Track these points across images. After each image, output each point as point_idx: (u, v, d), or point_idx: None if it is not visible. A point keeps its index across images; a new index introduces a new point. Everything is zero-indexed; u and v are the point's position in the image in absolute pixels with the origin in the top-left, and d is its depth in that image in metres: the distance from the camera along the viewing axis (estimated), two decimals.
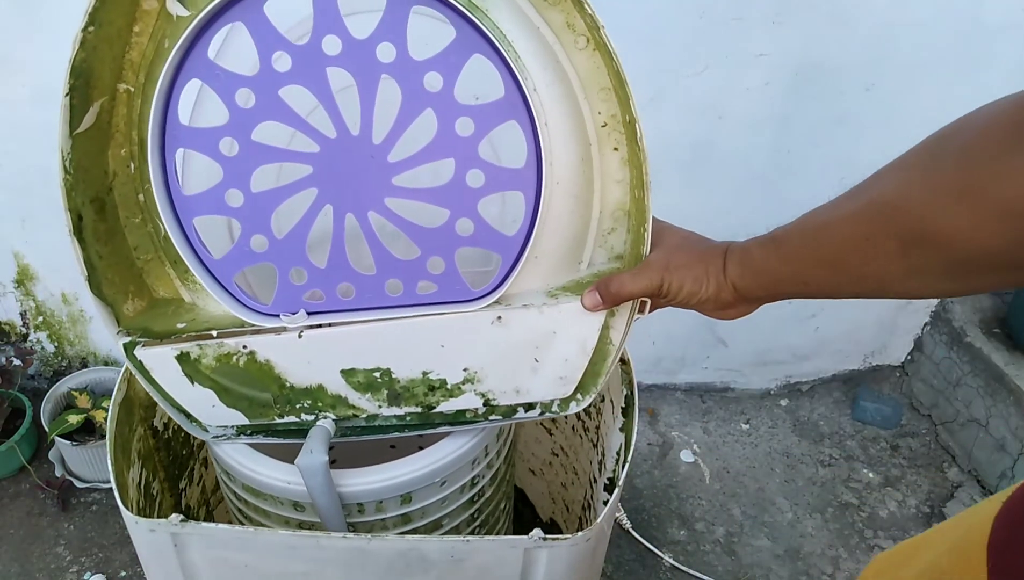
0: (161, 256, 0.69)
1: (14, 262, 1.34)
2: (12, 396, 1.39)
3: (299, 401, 0.67)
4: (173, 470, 0.88)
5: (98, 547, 1.27)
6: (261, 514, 0.75)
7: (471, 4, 0.57)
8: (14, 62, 1.12)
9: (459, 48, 0.57)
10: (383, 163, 0.60)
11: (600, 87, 0.63)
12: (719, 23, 1.10)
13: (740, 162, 1.28)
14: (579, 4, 0.58)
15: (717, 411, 1.62)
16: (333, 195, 0.61)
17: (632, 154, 0.63)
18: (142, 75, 0.62)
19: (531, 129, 0.60)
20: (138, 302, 0.69)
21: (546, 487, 1.14)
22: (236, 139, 0.60)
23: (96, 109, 0.62)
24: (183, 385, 0.66)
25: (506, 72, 0.58)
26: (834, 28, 1.11)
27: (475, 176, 0.61)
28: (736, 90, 1.18)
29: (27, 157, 1.21)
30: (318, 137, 0.59)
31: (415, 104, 0.58)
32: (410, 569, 0.69)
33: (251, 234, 0.63)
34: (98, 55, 0.59)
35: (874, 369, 1.69)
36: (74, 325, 1.42)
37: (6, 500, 1.34)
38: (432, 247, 0.63)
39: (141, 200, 0.67)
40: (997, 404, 1.43)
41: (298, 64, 0.57)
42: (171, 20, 0.60)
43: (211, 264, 0.64)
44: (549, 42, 0.61)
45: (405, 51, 0.57)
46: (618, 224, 0.68)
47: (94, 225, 0.65)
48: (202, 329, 0.65)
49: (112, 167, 0.66)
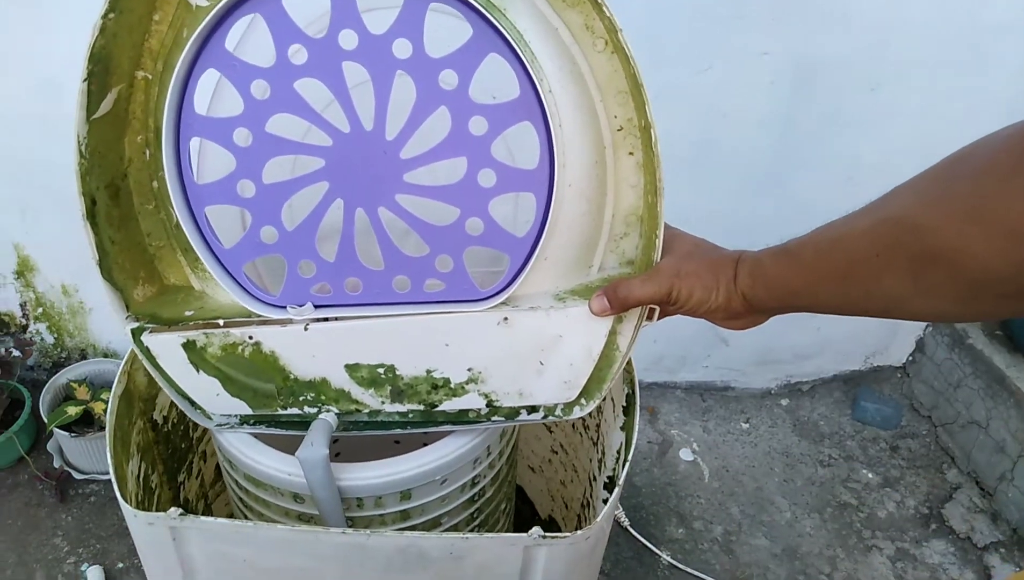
0: (173, 243, 0.69)
1: (14, 253, 1.35)
2: (11, 387, 1.39)
3: (302, 393, 0.67)
4: (172, 463, 0.88)
5: (96, 538, 1.28)
6: (262, 504, 0.75)
7: (489, 3, 0.57)
8: (14, 55, 1.12)
9: (475, 47, 0.57)
10: (395, 159, 0.60)
11: (617, 90, 0.62)
12: (722, 21, 1.10)
13: (744, 160, 1.27)
14: (598, 6, 0.57)
15: (717, 410, 1.62)
16: (344, 189, 0.61)
17: (647, 160, 0.63)
18: (160, 63, 0.63)
19: (545, 130, 0.59)
20: (148, 288, 0.69)
21: (545, 484, 1.14)
22: (250, 130, 0.60)
23: (114, 96, 0.62)
24: (188, 373, 0.66)
25: (522, 72, 0.58)
26: (837, 26, 1.11)
27: (487, 175, 0.61)
28: (740, 88, 1.18)
29: (27, 149, 1.20)
30: (331, 131, 0.59)
31: (430, 101, 0.58)
32: (409, 566, 0.69)
33: (261, 225, 0.63)
34: (117, 42, 0.60)
35: (875, 370, 1.68)
36: (74, 317, 1.43)
37: (4, 491, 1.34)
38: (441, 245, 0.63)
39: (155, 187, 0.67)
40: (998, 406, 1.42)
41: (314, 57, 0.57)
42: (190, 9, 0.60)
43: (221, 253, 0.64)
44: (567, 43, 0.60)
45: (421, 48, 0.57)
46: (631, 229, 0.67)
47: (107, 210, 0.65)
48: (209, 317, 0.65)
49: (128, 153, 0.66)
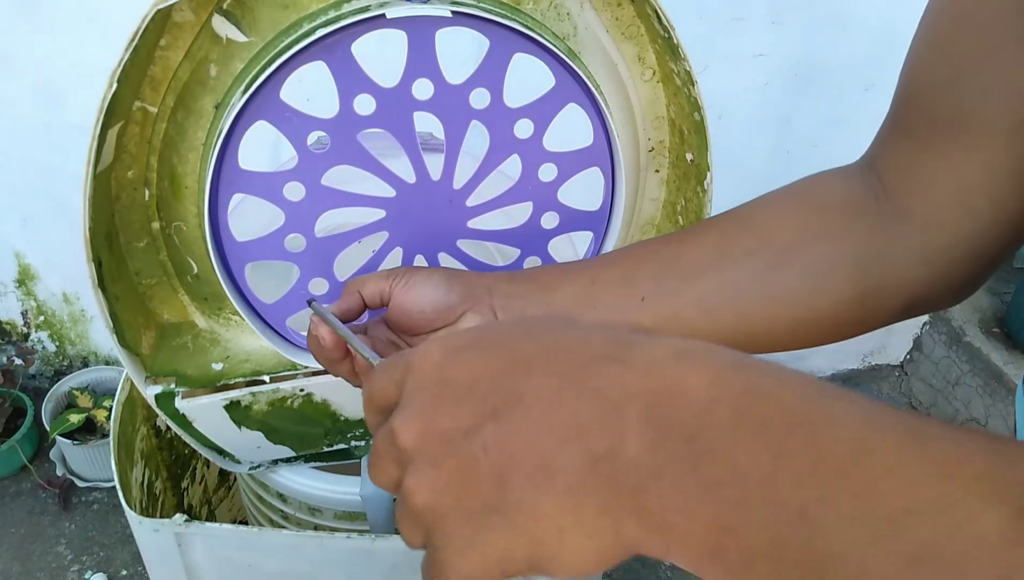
0: (174, 284, 0.61)
1: (15, 262, 1.32)
2: (13, 395, 1.38)
3: (351, 431, 0.65)
4: (175, 469, 0.85)
5: (99, 546, 1.26)
6: (277, 512, 0.74)
7: (568, 50, 0.54)
8: (14, 61, 1.10)
9: (556, 96, 0.54)
10: (461, 207, 0.57)
11: (655, 116, 0.63)
12: (718, 23, 1.09)
13: (739, 162, 1.27)
14: (666, 48, 0.57)
15: None
16: (405, 238, 0.58)
17: (671, 176, 0.65)
18: (170, 97, 0.52)
19: (611, 174, 0.59)
20: (149, 335, 0.61)
21: None
22: (303, 183, 0.53)
23: (113, 138, 0.52)
24: (229, 431, 0.61)
25: (598, 120, 0.56)
26: (833, 28, 1.13)
27: (550, 218, 0.60)
28: (735, 90, 1.18)
29: (27, 156, 1.19)
30: (396, 182, 0.55)
31: (502, 150, 0.56)
32: (414, 569, 0.72)
33: (311, 278, 0.58)
34: (127, 82, 0.49)
35: (873, 368, 1.68)
36: (75, 324, 1.38)
37: (7, 499, 1.33)
38: None
39: (155, 228, 0.58)
40: (996, 403, 1.42)
41: (383, 107, 0.52)
42: (219, 42, 0.50)
43: (262, 308, 0.58)
44: (623, 78, 0.60)
45: (500, 98, 0.53)
46: (645, 236, 0.71)
47: (108, 264, 0.56)
48: (247, 373, 0.60)
49: (115, 191, 0.56)
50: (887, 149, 0.45)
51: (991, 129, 0.38)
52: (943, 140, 0.40)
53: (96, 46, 1.00)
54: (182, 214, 0.56)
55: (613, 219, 0.61)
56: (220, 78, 0.51)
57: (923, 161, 0.42)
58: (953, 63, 0.39)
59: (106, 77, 0.47)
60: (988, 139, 0.39)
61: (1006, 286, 1.66)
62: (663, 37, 0.55)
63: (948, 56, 0.39)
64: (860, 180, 0.46)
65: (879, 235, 0.44)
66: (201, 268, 0.58)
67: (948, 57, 0.39)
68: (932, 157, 0.41)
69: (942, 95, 0.40)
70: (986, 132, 0.39)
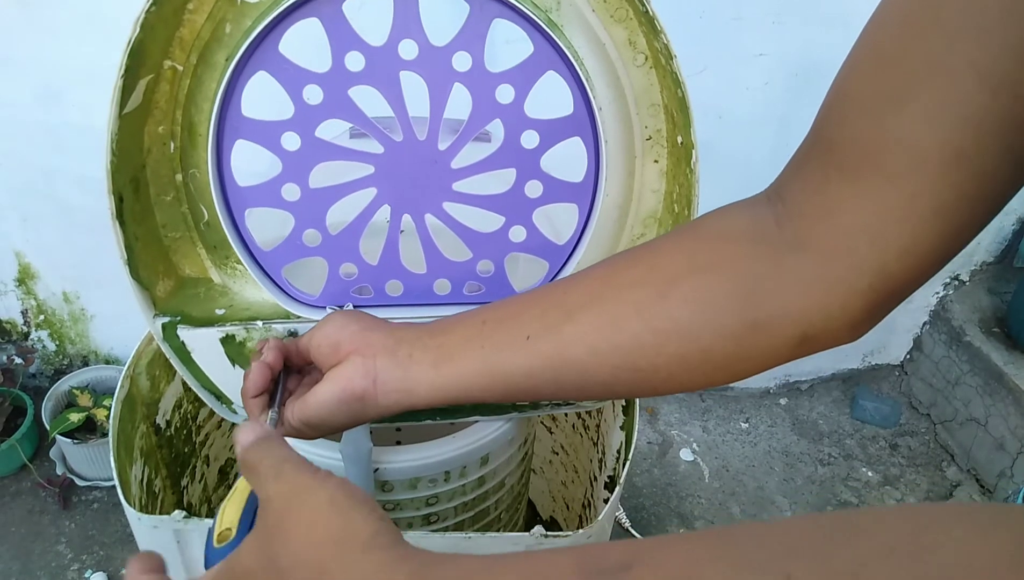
0: (193, 236, 0.67)
1: (15, 261, 1.33)
2: (13, 394, 1.39)
3: None
4: (175, 468, 0.87)
5: (99, 545, 1.27)
6: None
7: (549, 20, 0.58)
8: (15, 62, 1.10)
9: (535, 64, 0.58)
10: (445, 168, 0.61)
11: (651, 103, 0.65)
12: (718, 23, 1.12)
13: (739, 163, 1.29)
14: (644, 22, 0.59)
15: (716, 410, 1.61)
16: (392, 196, 0.61)
17: (671, 167, 0.66)
18: (194, 56, 0.60)
19: (594, 146, 0.61)
20: (167, 282, 0.67)
21: (546, 485, 1.17)
22: (299, 134, 0.59)
23: (142, 87, 0.59)
24: (223, 367, 0.66)
25: (577, 90, 0.59)
26: (833, 28, 1.14)
27: (534, 186, 0.62)
28: (735, 90, 1.20)
29: (28, 157, 1.19)
30: (384, 139, 0.59)
31: (485, 114, 0.59)
32: None
33: (304, 229, 0.62)
34: (153, 34, 0.56)
35: (873, 368, 1.68)
36: (75, 323, 1.42)
37: (7, 498, 1.33)
38: (484, 251, 0.64)
39: (179, 180, 0.65)
40: (996, 403, 1.42)
41: (372, 65, 0.57)
42: (234, 4, 0.57)
43: (260, 255, 0.63)
44: (612, 59, 0.62)
45: (481, 62, 0.57)
46: (647, 229, 0.71)
47: (131, 206, 0.62)
48: (245, 318, 0.64)
49: (147, 144, 0.63)
50: (801, 172, 0.42)
51: (923, 160, 0.35)
52: (866, 167, 0.37)
53: (96, 46, 1.03)
54: (196, 161, 0.62)
55: (599, 193, 0.63)
56: (232, 35, 0.58)
57: (839, 187, 0.39)
58: (894, 84, 0.35)
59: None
60: (918, 172, 0.35)
61: (1006, 286, 1.58)
62: (640, 11, 0.58)
63: (889, 76, 0.36)
64: (764, 207, 0.44)
65: (772, 264, 0.41)
66: (211, 215, 0.63)
67: (889, 77, 0.36)
68: (849, 183, 0.38)
69: (875, 119, 0.36)
70: (918, 164, 0.35)
